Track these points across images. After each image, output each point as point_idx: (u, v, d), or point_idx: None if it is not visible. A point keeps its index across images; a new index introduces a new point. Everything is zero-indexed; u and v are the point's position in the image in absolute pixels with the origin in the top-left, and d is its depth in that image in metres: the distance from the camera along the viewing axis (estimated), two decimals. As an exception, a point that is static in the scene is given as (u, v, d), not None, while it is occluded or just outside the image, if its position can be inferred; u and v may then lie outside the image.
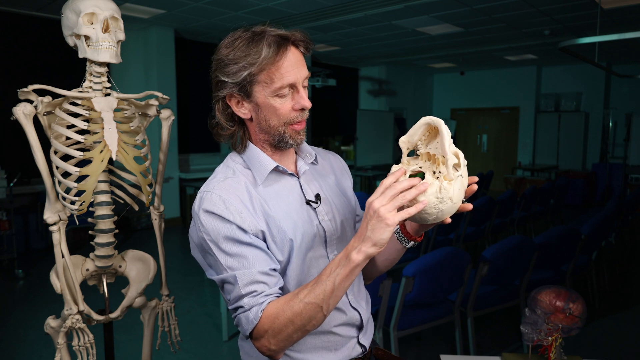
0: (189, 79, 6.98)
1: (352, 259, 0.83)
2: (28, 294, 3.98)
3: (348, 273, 0.84)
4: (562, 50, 4.17)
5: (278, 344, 0.90)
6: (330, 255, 1.05)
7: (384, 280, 2.16)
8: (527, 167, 9.43)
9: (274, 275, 0.94)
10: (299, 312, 0.87)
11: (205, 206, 0.94)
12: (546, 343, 1.43)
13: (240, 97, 0.97)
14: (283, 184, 1.04)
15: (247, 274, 0.91)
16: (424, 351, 2.94)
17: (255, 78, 0.93)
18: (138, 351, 2.08)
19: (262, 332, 0.90)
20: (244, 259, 0.92)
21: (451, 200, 0.83)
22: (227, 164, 1.04)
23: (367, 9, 5.35)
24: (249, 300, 0.90)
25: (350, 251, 0.84)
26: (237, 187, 0.97)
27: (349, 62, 9.50)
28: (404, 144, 0.91)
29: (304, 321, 0.87)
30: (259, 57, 0.91)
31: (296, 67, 0.94)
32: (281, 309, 0.88)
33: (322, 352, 1.05)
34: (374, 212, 0.81)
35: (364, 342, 1.11)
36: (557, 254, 2.89)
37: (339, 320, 1.05)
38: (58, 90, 1.49)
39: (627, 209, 4.58)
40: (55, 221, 1.54)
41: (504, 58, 8.71)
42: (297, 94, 0.96)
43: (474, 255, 4.75)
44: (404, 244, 1.01)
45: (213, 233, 0.93)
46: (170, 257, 4.92)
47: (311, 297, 0.86)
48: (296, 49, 0.96)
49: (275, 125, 0.98)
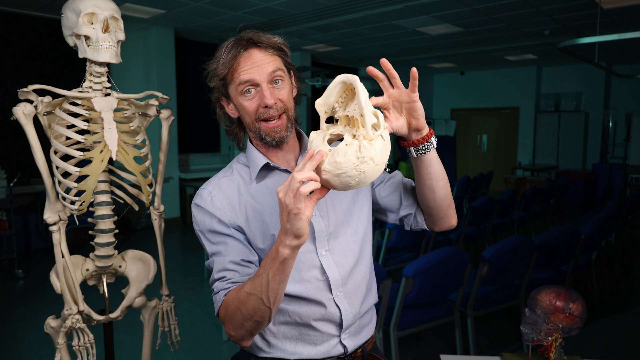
0: (189, 79, 6.98)
1: (280, 253, 0.84)
2: (28, 294, 3.98)
3: (278, 266, 0.86)
4: (562, 50, 4.17)
5: (235, 329, 0.96)
6: (320, 251, 1.07)
7: (384, 280, 2.16)
8: (527, 167, 9.43)
9: (246, 266, 1.01)
10: (244, 301, 0.92)
11: (197, 201, 1.07)
12: (546, 343, 1.43)
13: (225, 99, 1.08)
14: (276, 180, 1.09)
15: (221, 261, 1.01)
16: (424, 351, 2.94)
17: (225, 80, 1.04)
18: (138, 351, 2.08)
19: (222, 316, 0.98)
20: (222, 247, 1.02)
21: (373, 161, 0.80)
22: (230, 164, 1.15)
23: (367, 9, 5.35)
24: (218, 284, 1.00)
25: (278, 245, 0.85)
26: (228, 184, 1.08)
27: (349, 62, 9.49)
28: (320, 106, 0.88)
29: (250, 311, 0.91)
30: (221, 61, 1.01)
31: (255, 66, 1.00)
32: (233, 297, 0.95)
33: (301, 344, 1.09)
34: (281, 204, 0.81)
35: (347, 343, 1.11)
36: (557, 254, 2.89)
37: (318, 314, 1.07)
38: (58, 90, 1.49)
39: (627, 209, 4.58)
40: (55, 221, 1.54)
41: (504, 58, 8.71)
42: (262, 92, 1.01)
43: (474, 255, 4.75)
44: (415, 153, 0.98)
45: (201, 224, 1.06)
46: (170, 257, 4.93)
47: (251, 288, 0.90)
48: (258, 50, 1.01)
49: (249, 123, 1.05)
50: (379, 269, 2.17)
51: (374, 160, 0.80)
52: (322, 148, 0.82)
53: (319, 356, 1.09)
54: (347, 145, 0.80)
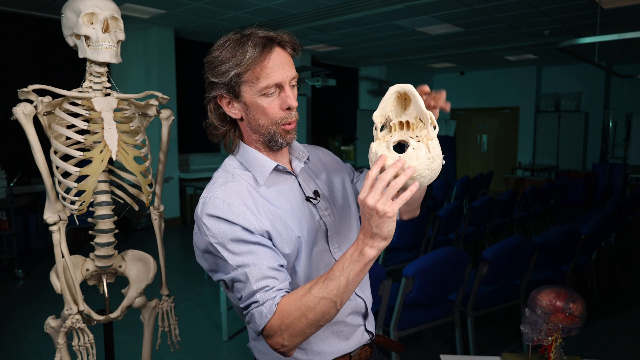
0: (189, 79, 6.98)
1: (366, 255, 0.85)
2: (28, 294, 3.98)
3: (362, 268, 0.86)
4: (562, 50, 4.17)
5: (291, 339, 0.91)
6: (332, 249, 1.07)
7: (384, 280, 2.16)
8: (527, 167, 9.42)
9: (283, 271, 0.95)
10: (312, 306, 0.87)
11: (209, 211, 0.95)
12: (546, 343, 1.43)
13: (230, 98, 0.99)
14: (284, 183, 1.05)
15: (257, 270, 0.92)
16: (424, 351, 2.94)
17: (241, 78, 0.96)
18: (138, 351, 2.08)
19: (276, 327, 0.90)
20: (253, 256, 0.94)
21: (439, 158, 0.86)
22: (225, 169, 1.05)
23: (367, 9, 5.35)
24: (262, 295, 0.91)
25: (362, 247, 0.85)
26: (239, 190, 0.99)
27: (349, 62, 9.49)
28: (377, 118, 0.91)
29: (318, 316, 0.88)
30: (244, 57, 0.94)
31: (281, 67, 0.96)
32: (294, 304, 0.89)
33: (335, 341, 1.07)
34: (371, 210, 0.81)
35: (370, 328, 1.14)
36: (557, 254, 2.89)
37: (348, 309, 1.07)
38: (58, 90, 1.49)
39: (627, 209, 4.58)
40: (55, 221, 1.54)
41: (504, 58, 8.70)
42: (284, 93, 0.98)
43: (474, 255, 4.75)
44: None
45: (220, 236, 0.94)
46: (170, 257, 4.92)
47: (325, 292, 0.87)
48: (282, 50, 0.98)
49: (265, 125, 0.99)
50: (379, 269, 2.17)
51: (439, 156, 0.86)
52: (390, 156, 0.85)
53: (353, 348, 1.10)
54: (415, 149, 0.84)
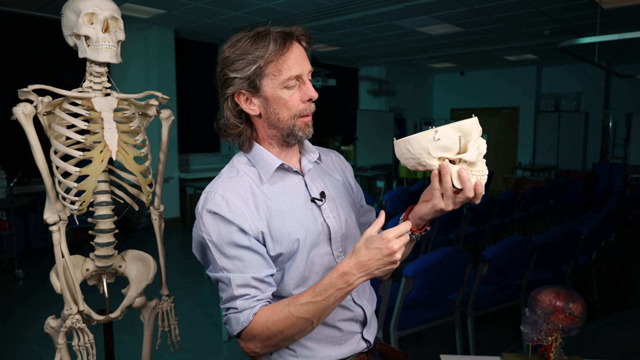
0: (189, 79, 6.97)
1: (352, 284, 0.89)
2: (28, 294, 3.98)
3: (344, 295, 0.90)
4: (562, 50, 4.17)
5: (264, 348, 0.96)
6: (335, 252, 1.06)
7: (384, 280, 2.16)
8: (527, 167, 9.43)
9: (267, 282, 0.97)
10: (290, 324, 0.91)
11: (209, 206, 0.96)
12: (546, 343, 1.43)
13: (249, 93, 0.99)
14: (288, 182, 1.05)
15: (240, 277, 0.94)
16: (424, 351, 2.94)
17: (263, 71, 0.96)
18: (138, 351, 2.08)
19: (250, 335, 0.94)
20: (240, 262, 0.95)
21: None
22: (232, 164, 1.06)
23: (367, 9, 5.35)
24: (241, 303, 0.94)
25: (352, 280, 0.88)
26: (241, 186, 0.99)
27: (349, 62, 9.49)
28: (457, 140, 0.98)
29: (294, 332, 0.93)
30: (266, 50, 0.95)
31: (301, 60, 0.98)
32: (272, 318, 0.92)
33: (328, 346, 1.06)
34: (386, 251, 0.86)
35: (368, 337, 1.13)
36: (557, 254, 2.89)
37: (342, 316, 1.06)
38: (58, 90, 1.49)
39: (627, 209, 4.58)
40: (55, 221, 1.54)
41: (504, 58, 8.70)
42: (304, 86, 1.00)
43: (474, 255, 4.75)
44: (412, 237, 1.03)
45: (214, 234, 0.95)
46: (170, 257, 4.92)
47: (304, 313, 0.91)
48: (299, 44, 1.00)
49: (285, 119, 1.00)
50: (379, 269, 2.16)
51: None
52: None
53: (347, 355, 1.09)
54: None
